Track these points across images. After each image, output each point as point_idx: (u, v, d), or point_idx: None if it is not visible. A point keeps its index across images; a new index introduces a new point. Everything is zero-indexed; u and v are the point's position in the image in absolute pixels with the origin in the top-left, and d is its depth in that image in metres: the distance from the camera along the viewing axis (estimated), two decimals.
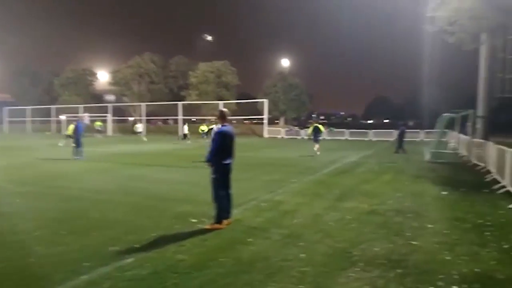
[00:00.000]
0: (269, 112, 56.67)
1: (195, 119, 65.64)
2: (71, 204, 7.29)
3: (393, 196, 8.09)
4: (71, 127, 25.56)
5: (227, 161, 5.75)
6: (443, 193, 8.44)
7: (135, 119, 52.32)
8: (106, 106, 50.89)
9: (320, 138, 18.76)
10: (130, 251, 4.66)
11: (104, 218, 6.23)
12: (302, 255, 4.49)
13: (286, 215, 6.43)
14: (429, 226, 5.77)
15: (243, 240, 5.04)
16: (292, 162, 15.06)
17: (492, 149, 10.63)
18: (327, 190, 8.75)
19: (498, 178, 9.59)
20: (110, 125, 47.65)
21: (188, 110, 60.94)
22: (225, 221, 5.83)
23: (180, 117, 45.71)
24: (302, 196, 8.03)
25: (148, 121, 54.47)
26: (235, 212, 6.45)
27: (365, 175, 11.38)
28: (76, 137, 16.07)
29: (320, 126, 18.62)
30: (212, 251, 4.63)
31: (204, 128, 31.46)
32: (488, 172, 11.18)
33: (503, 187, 8.52)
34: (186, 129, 33.00)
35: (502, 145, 10.38)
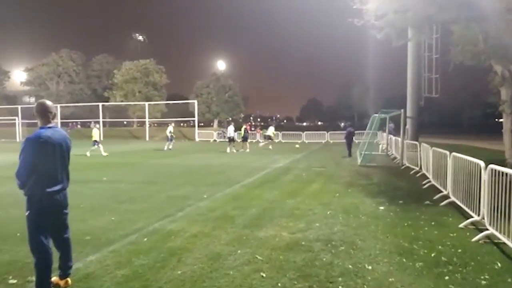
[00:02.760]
0: (203, 115, 54.15)
1: (125, 122, 60.76)
2: None
3: (321, 215, 6.40)
4: (96, 131, 19.74)
5: (54, 188, 3.43)
6: (381, 208, 6.95)
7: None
8: (17, 108, 44.91)
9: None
10: None
11: None
12: None
13: (169, 259, 4.36)
14: (368, 267, 4.08)
15: None
16: (214, 170, 13.03)
17: (429, 152, 9.53)
18: (241, 210, 6.83)
19: (437, 185, 8.43)
20: (18, 130, 41.81)
21: (113, 112, 56.18)
22: (60, 282, 3.63)
23: (102, 119, 41.34)
24: (205, 221, 6.00)
25: (66, 124, 48.96)
26: (93, 259, 4.29)
27: (292, 185, 9.69)
28: None
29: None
30: None
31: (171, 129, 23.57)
32: (424, 176, 10.12)
33: (446, 197, 7.28)
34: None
35: (429, 145, 9.53)
